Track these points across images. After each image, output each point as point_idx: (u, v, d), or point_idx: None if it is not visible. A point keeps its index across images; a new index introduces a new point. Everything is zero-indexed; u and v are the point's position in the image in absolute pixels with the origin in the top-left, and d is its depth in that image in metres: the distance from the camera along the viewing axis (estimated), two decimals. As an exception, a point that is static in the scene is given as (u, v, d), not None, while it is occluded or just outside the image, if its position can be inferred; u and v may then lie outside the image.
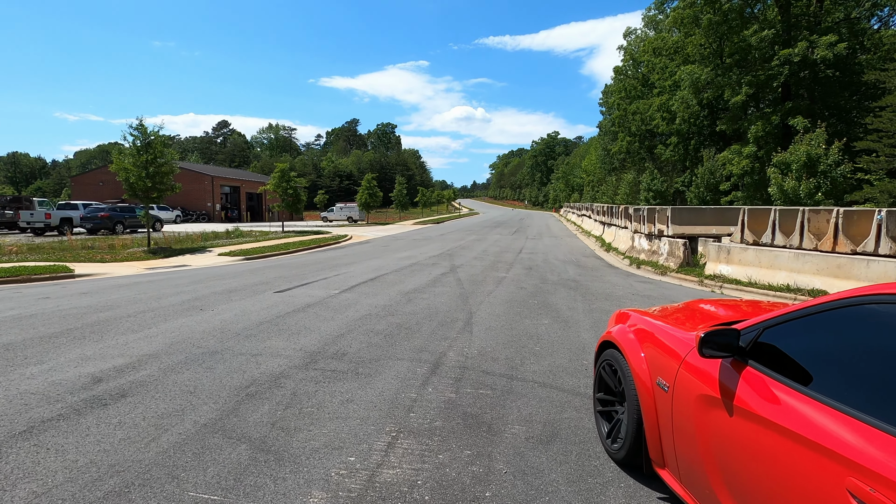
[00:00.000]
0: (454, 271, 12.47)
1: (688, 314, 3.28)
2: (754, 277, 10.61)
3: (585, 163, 78.03)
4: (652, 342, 2.92)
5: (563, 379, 4.69)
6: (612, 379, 3.33)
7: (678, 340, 2.66)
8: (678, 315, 3.28)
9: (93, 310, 7.57)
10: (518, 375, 4.77)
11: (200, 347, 5.48)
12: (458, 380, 4.60)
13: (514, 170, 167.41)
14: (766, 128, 27.43)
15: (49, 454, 3.12)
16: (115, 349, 5.40)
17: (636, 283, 11.46)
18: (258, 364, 4.93)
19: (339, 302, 8.19)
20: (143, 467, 2.99)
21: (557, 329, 6.64)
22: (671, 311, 3.48)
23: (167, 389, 4.22)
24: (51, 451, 3.17)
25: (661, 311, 3.53)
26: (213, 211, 49.54)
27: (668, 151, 41.58)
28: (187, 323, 6.64)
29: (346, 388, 4.35)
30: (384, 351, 5.45)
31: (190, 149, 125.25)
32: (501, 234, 29.68)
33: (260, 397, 4.09)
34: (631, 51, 53.25)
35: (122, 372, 4.65)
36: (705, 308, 3.40)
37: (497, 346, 5.72)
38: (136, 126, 18.24)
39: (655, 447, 2.72)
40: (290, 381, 4.49)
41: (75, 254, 16.91)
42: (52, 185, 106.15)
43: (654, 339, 2.91)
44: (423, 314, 7.36)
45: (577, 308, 8.09)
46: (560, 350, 5.65)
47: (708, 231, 14.02)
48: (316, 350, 5.44)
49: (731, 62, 30.65)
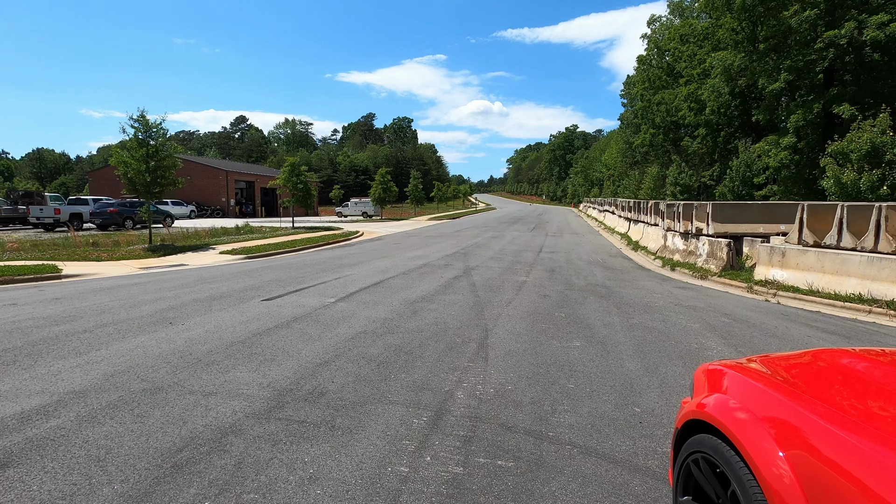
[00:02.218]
0: (468, 274, 11.23)
1: (862, 389, 1.99)
2: (816, 285, 9.13)
3: (606, 157, 75.76)
4: (812, 449, 1.65)
5: (612, 440, 3.43)
6: (715, 485, 2.07)
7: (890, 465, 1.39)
8: (841, 391, 1.99)
9: (50, 322, 6.55)
10: (549, 433, 3.52)
11: (145, 381, 4.36)
12: (467, 440, 3.38)
13: (532, 164, 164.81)
14: (808, 116, 25.38)
15: None
16: (39, 382, 4.31)
17: (675, 289, 10.07)
18: (207, 410, 3.78)
19: (331, 314, 7.03)
20: None
21: (593, 354, 5.36)
22: (810, 374, 2.19)
23: (70, 454, 3.10)
24: None
25: (792, 373, 2.24)
26: (228, 206, 49.14)
27: (696, 144, 39.46)
28: (146, 342, 5.55)
29: (313, 453, 3.17)
30: (374, 389, 4.26)
31: (208, 144, 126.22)
32: (519, 230, 28.29)
33: (189, 471, 2.93)
34: (655, 39, 50.94)
35: (25, 421, 3.55)
36: (883, 374, 2.08)
37: (520, 383, 4.48)
38: (136, 118, 17.40)
39: None
40: (241, 439, 3.33)
41: (74, 251, 16.16)
42: (75, 180, 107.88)
43: (818, 445, 1.64)
44: (429, 332, 6.14)
45: (614, 324, 6.79)
46: (601, 389, 4.38)
47: (754, 230, 12.49)
48: (287, 387, 4.27)
49: (766, 47, 28.56)
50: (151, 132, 17.35)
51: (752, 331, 6.61)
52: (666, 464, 3.12)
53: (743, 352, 5.60)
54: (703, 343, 5.92)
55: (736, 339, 6.16)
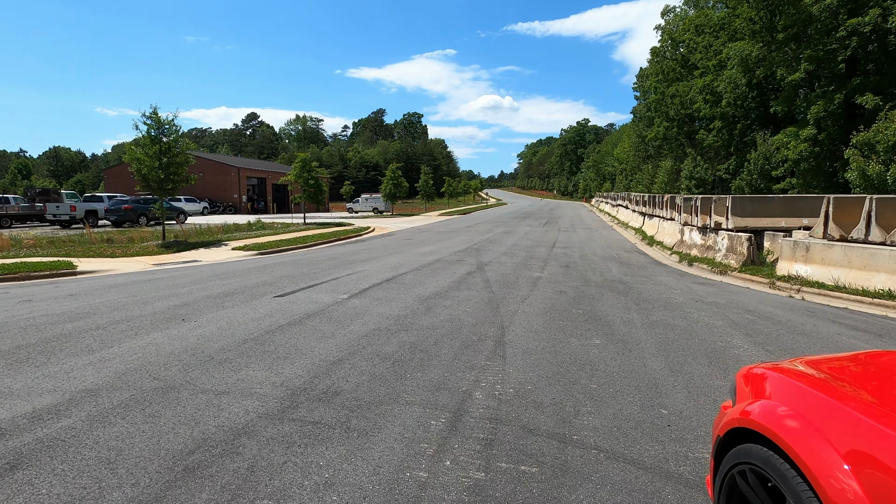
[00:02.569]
0: (481, 270, 11.07)
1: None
2: (843, 280, 8.82)
3: (618, 151, 74.84)
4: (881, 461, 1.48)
5: (640, 443, 3.26)
6: (764, 498, 1.90)
7: None
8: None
9: (64, 318, 6.54)
10: (573, 435, 3.37)
11: (157, 379, 4.28)
12: (488, 444, 3.24)
13: (543, 159, 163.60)
14: (829, 107, 24.70)
15: None
16: (52, 380, 4.26)
17: (694, 284, 9.81)
18: (219, 410, 3.68)
19: (344, 311, 6.93)
20: None
21: (614, 353, 5.18)
22: (869, 378, 2.01)
23: (80, 455, 3.02)
24: None
25: (848, 377, 2.06)
26: (240, 202, 49.43)
27: (711, 137, 38.72)
28: (157, 340, 5.48)
29: (328, 456, 3.05)
30: (390, 388, 4.14)
31: (220, 141, 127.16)
32: (531, 225, 28.02)
33: (202, 474, 2.83)
34: (669, 30, 50.06)
35: (37, 421, 3.48)
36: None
37: (540, 382, 4.33)
38: (149, 115, 17.44)
39: None
40: (254, 441, 3.22)
41: (88, 248, 16.29)
42: (91, 177, 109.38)
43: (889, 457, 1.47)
44: (444, 329, 6.01)
45: (634, 321, 6.59)
46: (625, 389, 4.21)
47: (776, 224, 12.15)
48: (301, 386, 4.16)
49: (785, 36, 27.84)
50: (164, 129, 17.40)
51: (777, 328, 6.37)
52: (699, 470, 2.95)
53: (771, 350, 5.39)
54: (728, 341, 5.71)
55: (762, 336, 5.93)
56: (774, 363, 2.36)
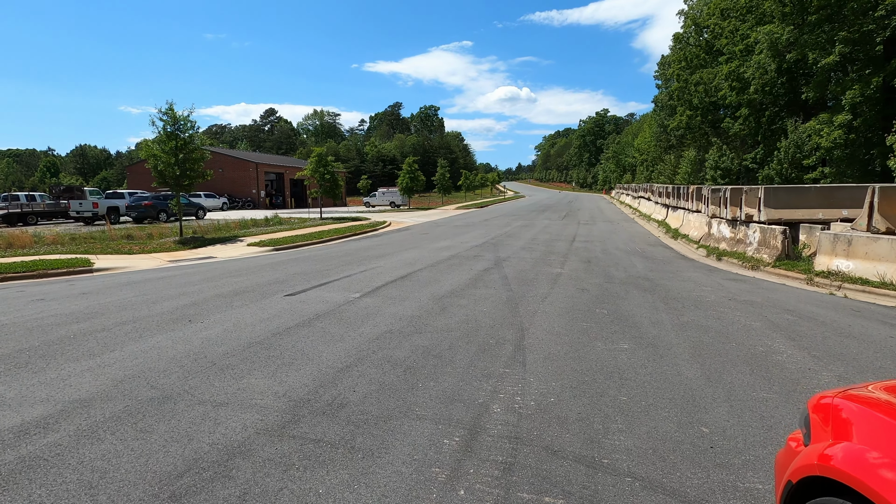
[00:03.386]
0: (499, 266, 10.68)
1: None
2: (890, 276, 8.18)
3: (638, 141, 73.12)
4: None
5: (680, 470, 2.87)
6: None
7: None
8: None
9: (71, 319, 6.40)
10: (603, 459, 2.99)
11: (154, 388, 4.04)
12: (507, 468, 2.89)
13: (561, 150, 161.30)
14: (865, 91, 23.44)
15: None
16: (46, 388, 4.06)
17: (725, 281, 9.27)
18: (216, 424, 3.41)
19: (356, 311, 6.63)
20: None
21: (644, 359, 4.77)
22: None
23: (61, 478, 2.77)
24: None
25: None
26: (258, 198, 49.78)
27: (737, 125, 37.34)
28: (161, 343, 5.27)
29: (329, 482, 2.74)
30: (399, 400, 3.81)
31: (239, 137, 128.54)
32: (550, 218, 27.43)
33: (188, 502, 2.55)
34: (693, 15, 48.35)
35: (22, 436, 3.26)
36: None
37: (563, 393, 3.95)
38: (165, 111, 17.43)
39: None
40: (249, 462, 2.93)
41: (108, 244, 16.39)
42: (116, 174, 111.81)
43: None
44: (460, 331, 5.66)
45: (663, 322, 6.14)
46: (659, 402, 3.80)
47: (812, 216, 11.44)
48: (304, 397, 3.87)
49: (818, 18, 26.50)
50: (179, 125, 17.36)
51: (823, 330, 5.86)
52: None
53: (818, 356, 4.90)
54: (770, 345, 5.23)
55: (807, 340, 5.44)
56: (851, 391, 1.95)
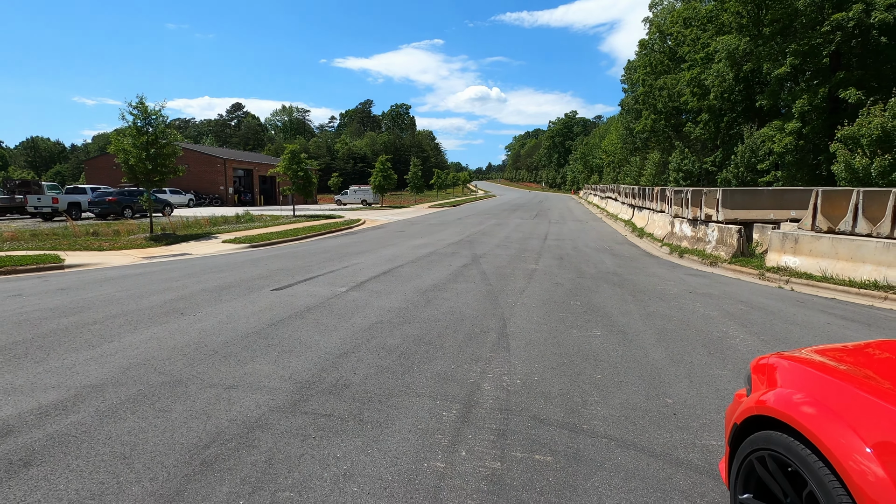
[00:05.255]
0: (477, 262, 11.12)
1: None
2: (830, 271, 9.04)
3: (605, 143, 75.25)
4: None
5: (648, 432, 3.34)
6: (785, 485, 1.97)
7: None
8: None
9: (58, 313, 6.43)
10: (583, 425, 3.44)
11: (163, 374, 4.25)
12: (501, 434, 3.29)
13: (531, 151, 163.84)
14: (813, 101, 25.12)
15: None
16: (54, 375, 4.21)
17: (686, 276, 9.98)
18: (230, 403, 3.68)
19: (345, 303, 6.92)
20: None
21: (616, 344, 5.27)
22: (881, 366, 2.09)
23: (94, 451, 3.00)
24: None
25: (861, 363, 2.14)
26: (226, 195, 48.75)
27: (698, 129, 39.14)
28: (158, 334, 5.43)
29: (344, 448, 3.08)
30: (398, 381, 4.16)
31: (204, 132, 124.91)
32: (522, 217, 28.14)
33: (219, 468, 2.83)
34: (658, 23, 50.24)
35: (44, 417, 3.44)
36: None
37: (545, 373, 4.39)
38: (135, 105, 17.08)
39: None
40: (269, 434, 3.23)
41: (74, 241, 15.96)
42: (71, 169, 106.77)
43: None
44: (446, 321, 6.05)
45: (632, 312, 6.70)
46: (629, 379, 4.29)
47: (765, 216, 12.37)
48: (309, 379, 4.17)
49: (772, 30, 28.17)
50: (151, 119, 17.06)
51: (771, 318, 6.53)
52: (708, 457, 3.04)
53: (766, 340, 5.52)
54: (725, 331, 5.84)
55: (757, 326, 6.07)
56: (785, 353, 2.43)
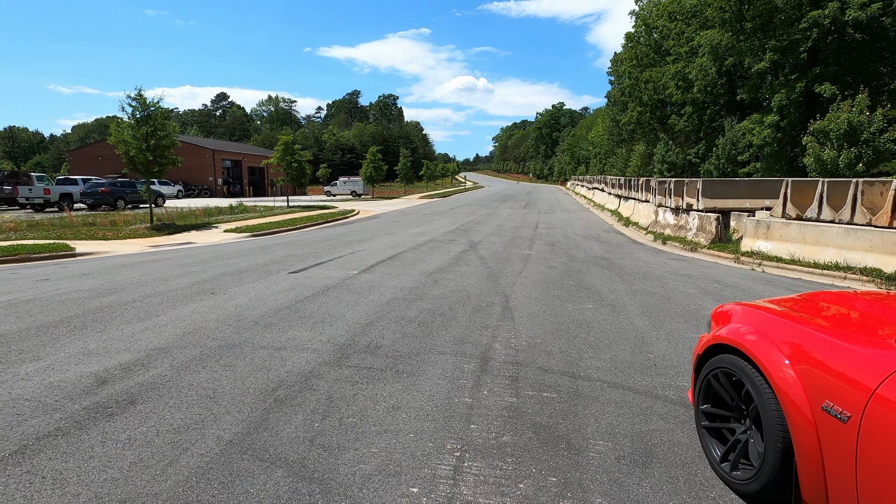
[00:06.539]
0: (474, 248, 11.83)
1: (840, 316, 2.64)
2: (798, 254, 9.94)
3: (592, 134, 76.27)
4: (808, 355, 2.28)
5: (633, 377, 4.09)
6: (731, 391, 2.72)
7: (862, 359, 2.03)
8: (826, 316, 2.64)
9: (95, 294, 6.98)
10: (580, 373, 4.17)
11: (216, 339, 4.89)
12: (514, 379, 4.01)
13: (518, 142, 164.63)
14: (791, 95, 26.20)
15: (45, 485, 2.55)
16: (120, 342, 4.82)
17: (669, 260, 10.82)
18: (283, 360, 4.34)
19: (360, 284, 7.58)
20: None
21: (606, 315, 6.03)
22: (806, 309, 2.83)
23: (183, 394, 3.65)
24: (47, 480, 2.60)
25: (790, 307, 2.88)
26: (215, 185, 48.65)
27: (682, 122, 40.23)
28: (198, 309, 6.05)
29: (388, 390, 3.77)
30: (422, 343, 4.86)
31: (188, 122, 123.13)
32: (512, 208, 28.90)
33: (291, 403, 3.51)
34: (643, 16, 51.03)
35: (129, 371, 4.07)
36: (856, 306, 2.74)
37: (546, 337, 5.13)
38: (134, 97, 17.35)
39: (817, 489, 2.13)
40: (323, 381, 3.91)
41: (76, 231, 16.29)
42: (51, 159, 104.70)
43: (812, 352, 2.27)
44: (455, 298, 6.75)
45: (619, 290, 7.47)
46: (617, 341, 5.04)
47: (741, 205, 13.27)
48: (346, 342, 4.84)
49: (753, 26, 29.14)
50: (149, 111, 17.36)
51: (741, 294, 7.36)
52: (680, 393, 3.80)
53: (735, 311, 6.32)
54: (700, 304, 6.63)
55: (728, 301, 6.87)
56: (739, 302, 3.18)
